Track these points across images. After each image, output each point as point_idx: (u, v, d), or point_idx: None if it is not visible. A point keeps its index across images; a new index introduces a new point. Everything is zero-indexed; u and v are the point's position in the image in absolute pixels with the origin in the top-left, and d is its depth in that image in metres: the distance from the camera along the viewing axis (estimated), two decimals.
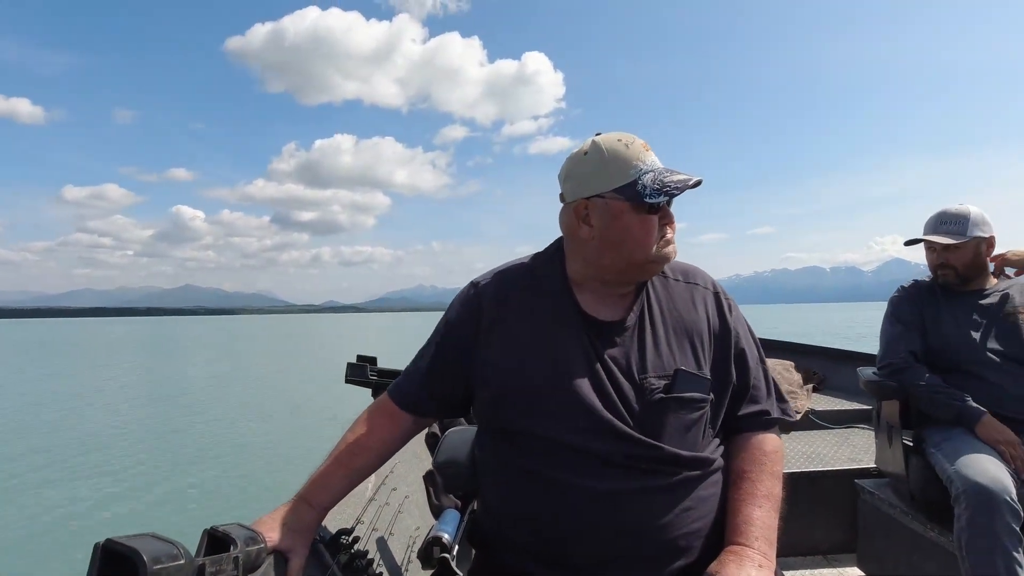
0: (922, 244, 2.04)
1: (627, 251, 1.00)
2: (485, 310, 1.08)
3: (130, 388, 18.74)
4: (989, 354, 1.88)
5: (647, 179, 0.97)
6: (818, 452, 2.60)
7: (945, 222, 1.99)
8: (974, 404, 1.81)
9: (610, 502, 0.94)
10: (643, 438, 0.96)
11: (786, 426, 2.99)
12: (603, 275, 1.04)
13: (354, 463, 1.08)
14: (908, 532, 1.95)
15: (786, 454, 2.56)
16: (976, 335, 1.92)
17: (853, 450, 2.64)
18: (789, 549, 2.36)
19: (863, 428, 3.03)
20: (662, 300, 1.09)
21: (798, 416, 3.00)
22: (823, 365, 3.87)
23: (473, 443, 1.18)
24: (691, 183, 0.98)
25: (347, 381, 2.50)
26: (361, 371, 2.26)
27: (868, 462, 2.35)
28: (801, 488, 2.36)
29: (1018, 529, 1.52)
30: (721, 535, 0.99)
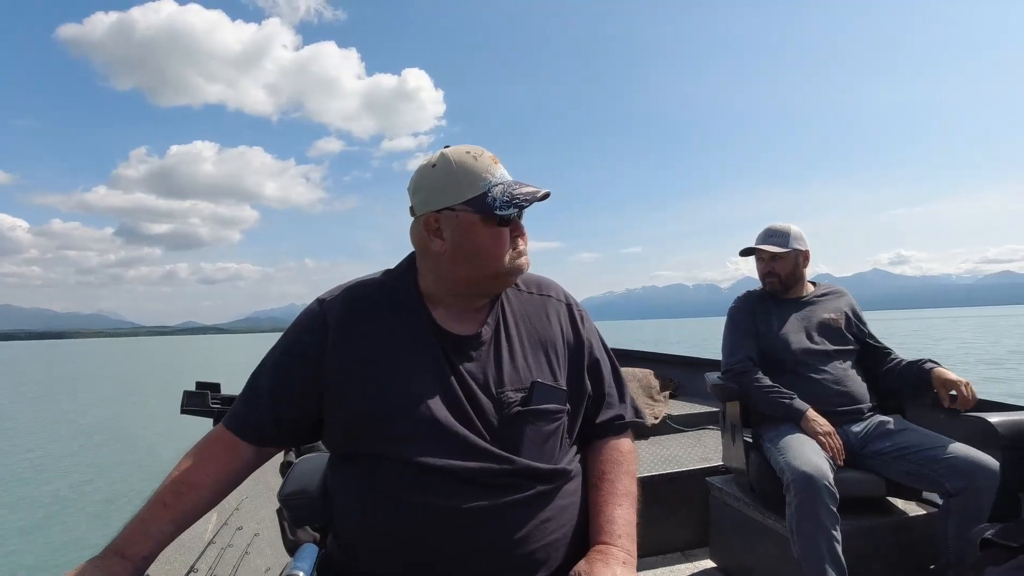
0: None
1: (480, 263, 1.00)
2: (332, 328, 1.03)
3: None
4: (810, 354, 2.13)
5: (497, 191, 0.99)
6: (674, 455, 2.77)
7: (771, 235, 2.27)
8: (799, 402, 2.03)
9: (469, 522, 0.92)
10: (501, 452, 0.96)
11: (646, 431, 3.18)
12: (457, 289, 1.04)
13: (182, 504, 0.97)
14: (750, 522, 2.12)
15: (646, 458, 2.70)
16: (798, 337, 2.17)
17: (705, 450, 2.84)
18: (650, 549, 2.48)
19: (713, 429, 3.27)
20: (517, 313, 1.10)
21: (657, 421, 3.19)
22: (679, 372, 4.15)
23: (326, 470, 1.12)
24: (539, 195, 1.01)
25: (183, 411, 2.25)
26: (200, 399, 2.03)
27: (717, 460, 2.54)
28: (660, 490, 2.50)
29: (835, 510, 1.72)
30: (583, 538, 1.02)
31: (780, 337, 2.18)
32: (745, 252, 2.33)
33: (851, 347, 2.19)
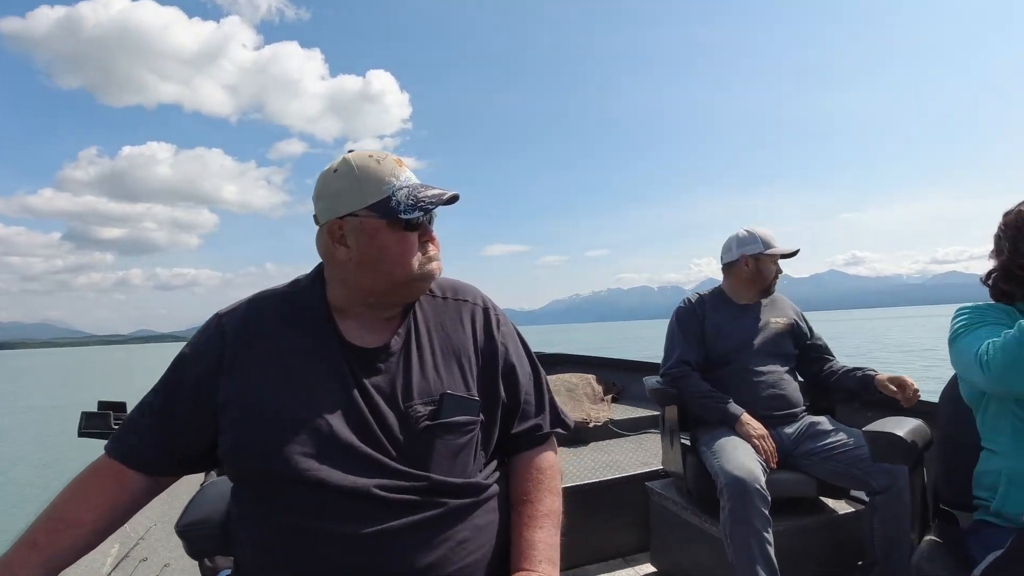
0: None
1: (387, 271, 0.96)
2: (229, 344, 0.96)
3: None
4: (752, 357, 2.16)
5: (401, 195, 0.95)
6: (615, 460, 2.77)
7: (773, 238, 2.27)
8: (735, 406, 2.05)
9: (377, 545, 0.87)
10: (408, 470, 0.91)
11: (587, 437, 3.17)
12: (366, 298, 0.99)
13: (55, 544, 0.88)
14: (688, 526, 2.13)
15: (587, 464, 2.69)
16: (744, 341, 2.19)
17: (646, 454, 2.85)
18: (591, 555, 2.46)
19: (655, 433, 3.29)
20: (430, 320, 1.06)
21: (599, 425, 3.19)
22: (622, 376, 4.18)
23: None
24: (445, 198, 0.97)
25: (81, 434, 2.01)
26: (102, 421, 1.87)
27: (658, 464, 2.55)
28: (602, 496, 2.48)
29: (767, 512, 1.74)
30: (505, 560, 0.98)
31: (728, 340, 2.20)
32: (793, 253, 2.28)
33: (792, 352, 2.23)
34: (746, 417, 2.02)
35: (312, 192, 1.02)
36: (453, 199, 0.99)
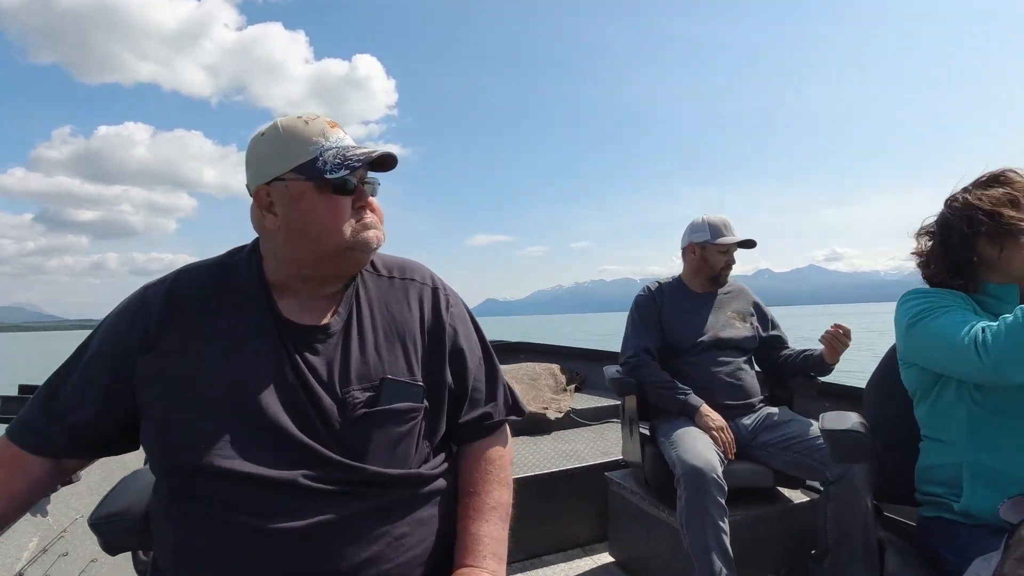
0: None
1: (316, 239, 0.89)
2: (155, 319, 0.89)
3: None
4: (710, 348, 2.15)
5: (329, 155, 0.88)
6: (576, 450, 2.75)
7: (728, 226, 2.24)
8: (694, 397, 2.04)
9: (309, 540, 0.81)
10: (342, 460, 0.85)
11: (548, 426, 3.15)
12: (299, 271, 0.92)
13: None
14: (645, 515, 2.12)
15: (547, 454, 2.66)
16: (702, 331, 2.18)
17: (606, 444, 2.83)
18: (550, 545, 2.44)
19: (616, 422, 3.29)
20: (373, 299, 0.99)
21: (561, 415, 3.17)
22: (585, 366, 4.17)
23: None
24: (374, 155, 0.90)
25: None
26: (20, 406, 1.76)
27: (618, 454, 2.54)
28: (560, 486, 2.46)
29: (723, 502, 1.73)
30: (449, 555, 0.93)
31: (685, 329, 2.18)
32: (730, 245, 2.23)
33: (750, 342, 2.23)
34: (705, 408, 2.01)
35: None
36: (387, 159, 0.93)
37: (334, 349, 0.92)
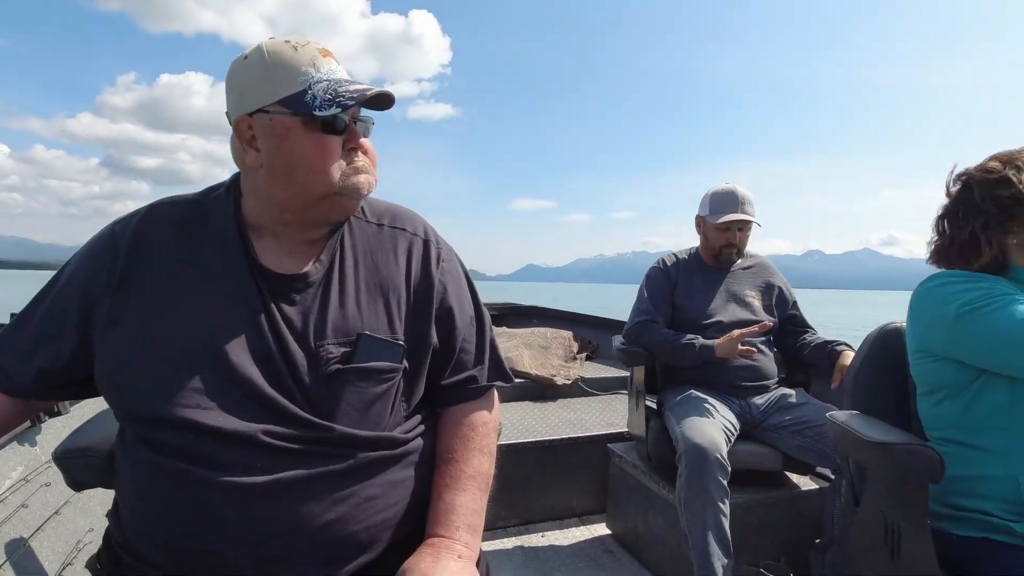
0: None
1: (301, 180, 0.81)
2: (123, 257, 0.83)
3: None
4: (726, 326, 2.04)
5: (319, 89, 0.80)
6: (580, 418, 2.69)
7: (745, 203, 2.08)
8: (703, 340, 1.96)
9: (269, 497, 0.76)
10: (311, 418, 0.79)
11: (555, 393, 3.09)
12: (281, 214, 0.85)
13: None
14: (645, 490, 2.06)
15: (551, 421, 2.61)
16: (717, 307, 2.07)
17: (612, 415, 2.77)
18: (548, 514, 2.41)
19: (624, 394, 3.22)
20: (359, 248, 0.92)
21: (569, 383, 3.10)
22: (599, 335, 4.09)
23: None
24: (370, 93, 0.81)
25: None
26: None
27: (623, 426, 2.47)
28: (562, 454, 2.42)
29: (725, 483, 1.65)
30: (423, 521, 0.87)
31: (699, 306, 2.08)
32: (730, 223, 2.08)
33: (768, 321, 2.11)
34: (718, 342, 1.93)
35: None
36: (383, 98, 0.84)
37: (312, 300, 0.86)
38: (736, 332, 1.91)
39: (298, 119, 0.80)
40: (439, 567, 0.78)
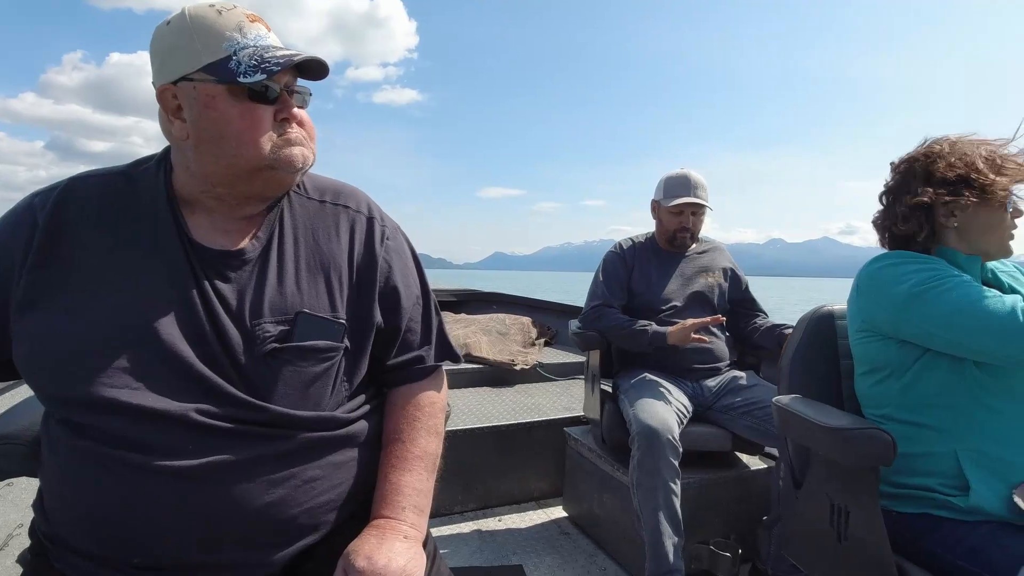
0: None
1: (229, 152, 0.78)
2: (41, 230, 0.78)
3: None
4: (680, 310, 2.07)
5: (244, 55, 0.77)
6: (538, 403, 2.70)
7: (698, 187, 2.11)
8: (657, 326, 1.97)
9: (204, 479, 0.73)
10: (245, 397, 0.76)
11: (513, 379, 3.09)
12: (212, 188, 0.82)
13: None
14: (600, 473, 2.08)
15: (508, 406, 2.61)
16: (671, 292, 2.09)
17: (569, 399, 2.79)
18: (506, 499, 2.42)
19: (582, 379, 3.25)
20: (299, 225, 0.89)
21: (527, 368, 3.11)
22: (558, 321, 4.10)
23: None
24: (296, 59, 0.79)
25: None
26: None
27: (579, 410, 2.49)
28: (519, 439, 2.42)
29: (676, 464, 1.68)
30: (369, 503, 0.86)
31: (653, 290, 2.10)
32: (683, 207, 2.10)
33: (720, 305, 2.14)
34: (670, 329, 1.95)
35: None
36: (316, 66, 0.82)
37: (248, 277, 0.82)
38: (689, 322, 1.93)
39: (223, 86, 0.76)
40: (384, 548, 0.77)
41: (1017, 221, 1.20)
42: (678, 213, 2.11)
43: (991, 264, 1.24)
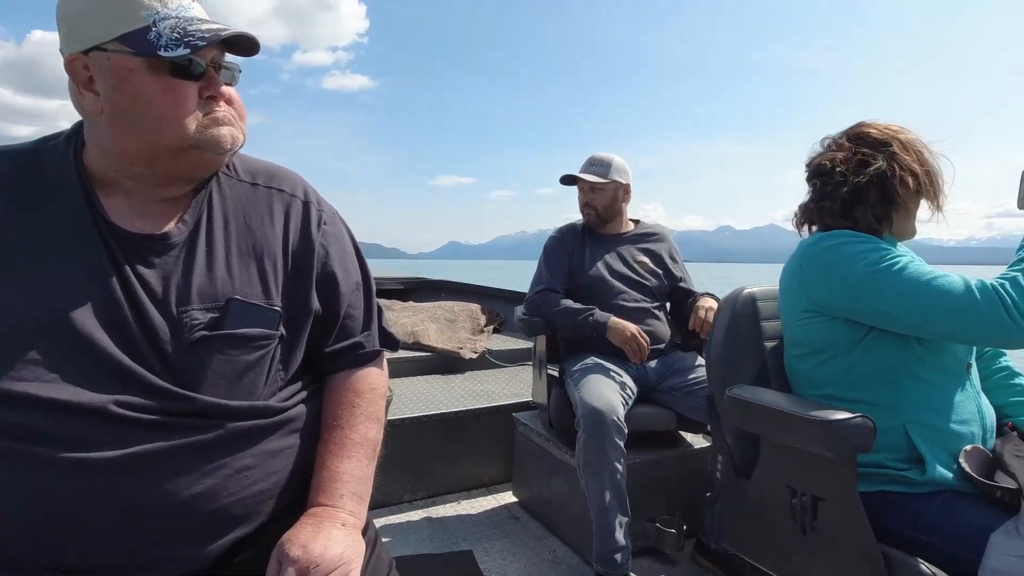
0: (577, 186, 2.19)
1: (150, 130, 0.73)
2: None
3: None
4: (617, 292, 2.09)
5: (165, 26, 0.72)
6: (487, 390, 2.70)
7: (593, 164, 2.16)
8: (601, 313, 1.99)
9: (125, 473, 0.69)
10: (169, 387, 0.72)
11: (462, 366, 3.07)
12: (130, 168, 0.77)
13: None
14: (548, 456, 2.10)
15: (457, 393, 2.59)
16: (608, 274, 2.11)
17: (519, 386, 2.80)
18: (455, 485, 2.41)
19: (530, 364, 3.26)
20: (229, 208, 0.84)
21: (476, 356, 3.10)
22: (506, 307, 4.10)
23: None
24: (223, 34, 0.74)
25: None
26: None
27: (528, 396, 2.50)
28: (468, 426, 2.41)
29: (622, 444, 1.70)
30: (307, 491, 0.83)
31: (590, 272, 2.12)
32: (566, 180, 2.20)
33: (659, 287, 2.18)
34: (613, 321, 1.97)
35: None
36: (245, 41, 0.77)
37: (174, 263, 0.78)
38: (631, 331, 1.94)
39: (141, 60, 0.71)
40: (320, 536, 0.75)
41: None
42: (580, 189, 2.18)
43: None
